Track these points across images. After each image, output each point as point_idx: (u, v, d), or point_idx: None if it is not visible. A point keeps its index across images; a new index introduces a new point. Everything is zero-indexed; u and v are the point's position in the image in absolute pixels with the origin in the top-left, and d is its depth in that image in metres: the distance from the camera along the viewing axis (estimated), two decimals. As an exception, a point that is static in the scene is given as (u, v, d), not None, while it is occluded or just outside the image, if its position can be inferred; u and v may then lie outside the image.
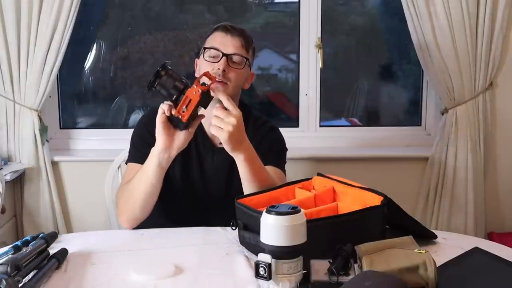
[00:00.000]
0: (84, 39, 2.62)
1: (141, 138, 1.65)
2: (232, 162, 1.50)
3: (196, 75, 1.68)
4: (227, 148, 1.43)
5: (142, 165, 1.50)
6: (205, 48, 1.63)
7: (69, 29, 2.30)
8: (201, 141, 1.65)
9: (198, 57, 1.69)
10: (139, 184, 1.49)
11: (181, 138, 1.42)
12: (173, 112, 1.38)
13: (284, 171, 1.71)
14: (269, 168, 1.60)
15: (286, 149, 1.78)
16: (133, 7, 2.70)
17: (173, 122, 1.40)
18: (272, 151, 1.68)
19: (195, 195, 1.66)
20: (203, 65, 1.62)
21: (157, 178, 1.47)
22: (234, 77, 1.60)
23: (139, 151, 1.61)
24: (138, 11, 2.71)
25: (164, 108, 1.38)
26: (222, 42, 1.61)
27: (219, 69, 1.58)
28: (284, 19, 2.79)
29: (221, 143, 1.57)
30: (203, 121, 1.64)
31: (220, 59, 1.59)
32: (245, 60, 1.63)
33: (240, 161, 1.46)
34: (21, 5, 2.27)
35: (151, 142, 1.46)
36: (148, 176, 1.47)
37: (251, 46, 1.67)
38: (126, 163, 1.68)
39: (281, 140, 1.77)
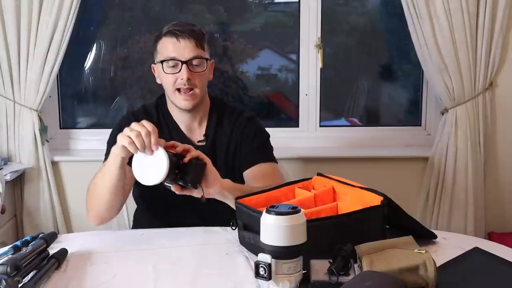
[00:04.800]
0: (84, 39, 2.62)
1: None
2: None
3: (158, 81, 1.64)
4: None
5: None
6: (162, 62, 1.57)
7: (69, 29, 2.30)
8: (177, 140, 1.53)
9: (155, 63, 1.64)
10: (103, 183, 1.44)
11: None
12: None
13: (275, 161, 1.68)
14: (261, 166, 1.60)
15: (269, 135, 1.74)
16: (133, 7, 2.70)
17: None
18: (257, 147, 1.66)
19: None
20: (165, 78, 1.58)
21: (120, 178, 1.41)
22: (199, 81, 1.58)
23: None
24: (138, 11, 2.71)
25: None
26: (176, 49, 1.55)
27: (182, 79, 1.55)
28: (284, 19, 2.79)
29: (199, 141, 1.62)
30: (178, 121, 1.64)
31: (181, 69, 1.55)
32: (205, 60, 1.59)
33: (222, 197, 1.43)
34: (21, 5, 2.27)
35: None
36: (110, 176, 1.41)
37: (204, 40, 1.61)
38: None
39: (261, 129, 1.73)
